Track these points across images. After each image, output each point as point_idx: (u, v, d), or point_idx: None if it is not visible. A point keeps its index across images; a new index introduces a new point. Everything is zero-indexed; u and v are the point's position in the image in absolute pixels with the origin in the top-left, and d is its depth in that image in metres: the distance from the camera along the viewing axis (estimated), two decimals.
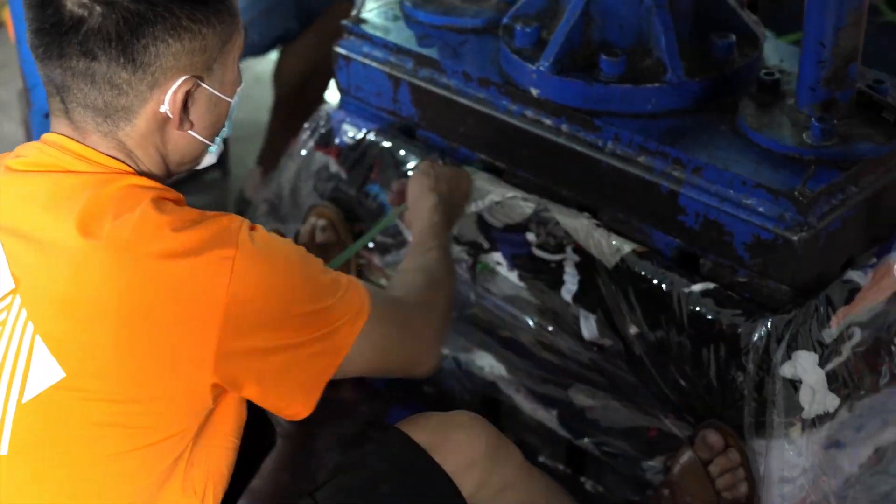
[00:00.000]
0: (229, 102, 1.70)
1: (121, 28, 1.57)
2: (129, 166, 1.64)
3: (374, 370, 1.84)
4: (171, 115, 1.62)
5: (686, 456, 2.02)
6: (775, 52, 2.21)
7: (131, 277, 1.57)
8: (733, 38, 2.11)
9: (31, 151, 1.66)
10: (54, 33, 1.59)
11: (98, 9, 1.56)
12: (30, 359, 1.59)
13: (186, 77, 1.62)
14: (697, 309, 1.96)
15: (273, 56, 3.34)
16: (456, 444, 1.84)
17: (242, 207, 3.31)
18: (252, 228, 1.64)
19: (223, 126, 1.73)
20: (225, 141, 3.65)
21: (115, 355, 1.57)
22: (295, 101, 3.23)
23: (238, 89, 1.73)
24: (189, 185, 3.64)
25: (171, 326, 1.58)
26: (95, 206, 1.59)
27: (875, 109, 1.97)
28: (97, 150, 1.63)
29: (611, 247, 2.06)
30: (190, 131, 1.66)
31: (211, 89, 1.66)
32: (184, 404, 1.63)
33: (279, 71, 3.24)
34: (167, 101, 1.61)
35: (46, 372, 1.58)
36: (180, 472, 1.67)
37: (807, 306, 1.90)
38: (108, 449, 1.60)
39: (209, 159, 1.75)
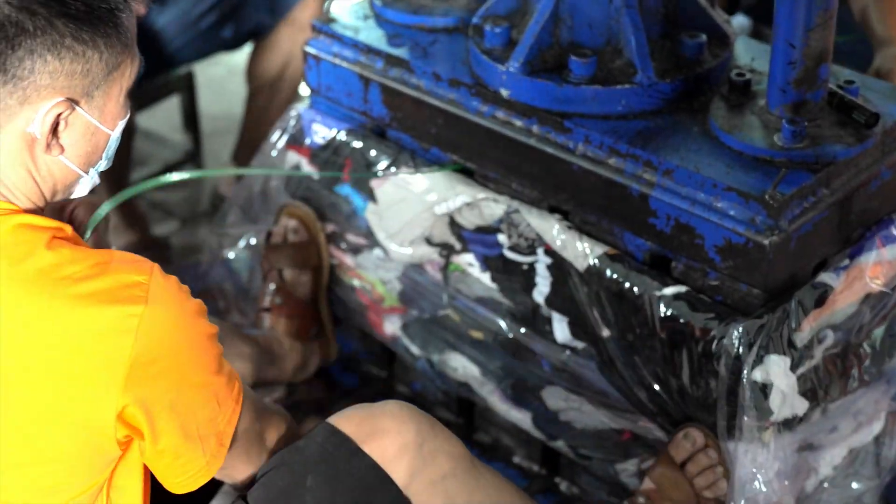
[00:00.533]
0: (109, 134, 1.61)
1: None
2: (7, 199, 1.57)
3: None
4: (39, 137, 1.54)
5: (662, 461, 2.01)
6: (747, 52, 2.19)
7: (30, 327, 1.51)
8: (704, 37, 2.09)
9: None
10: None
11: None
12: None
13: (61, 99, 1.53)
14: (669, 312, 1.95)
15: (247, 49, 3.32)
16: (384, 433, 1.80)
17: (216, 203, 3.29)
18: (152, 273, 1.56)
19: (100, 158, 1.64)
20: (196, 136, 3.65)
21: (16, 408, 1.53)
22: (269, 96, 3.21)
23: (121, 122, 1.63)
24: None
25: (72, 379, 1.53)
26: None
27: (846, 110, 1.95)
28: None
29: (582, 249, 2.05)
30: (61, 157, 1.57)
31: (88, 116, 1.57)
32: (86, 460, 1.59)
33: (252, 65, 3.21)
34: (36, 120, 1.53)
35: None
36: None
37: (778, 310, 1.89)
38: None
39: (80, 190, 1.66)
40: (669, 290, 1.96)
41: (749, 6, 3.19)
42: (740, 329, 1.88)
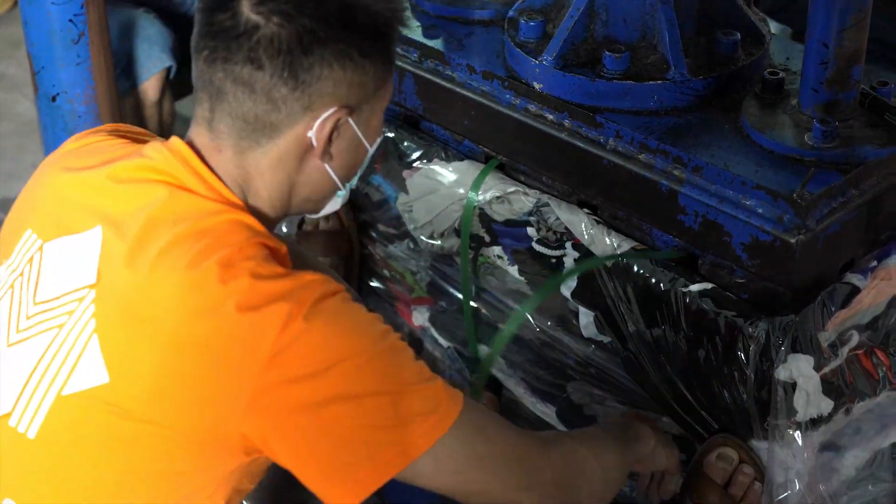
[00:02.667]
0: (368, 149, 1.67)
1: (292, 42, 1.55)
2: (242, 200, 1.61)
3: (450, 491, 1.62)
4: (315, 143, 1.60)
5: (703, 484, 2.00)
6: (782, 51, 2.19)
7: (195, 310, 1.52)
8: (738, 35, 2.09)
9: (156, 155, 1.62)
10: (226, 36, 1.56)
11: (275, 19, 1.54)
12: (81, 355, 1.57)
13: (339, 107, 1.59)
14: (695, 308, 1.95)
15: None
16: None
17: None
18: (334, 294, 1.53)
19: (356, 173, 1.70)
20: None
21: (157, 376, 1.53)
22: None
23: (378, 139, 1.69)
24: None
25: (215, 367, 1.51)
26: (194, 231, 1.56)
27: (878, 111, 1.95)
28: (215, 174, 1.60)
29: (610, 244, 2.05)
30: (327, 165, 1.63)
31: (356, 128, 1.62)
32: (209, 447, 1.55)
33: None
34: (316, 126, 1.59)
35: (92, 372, 1.56)
36: None
37: (804, 309, 1.88)
38: (125, 466, 1.57)
39: (333, 205, 1.71)
40: (696, 287, 1.96)
41: (767, 9, 3.18)
42: (766, 327, 1.87)
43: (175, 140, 1.65)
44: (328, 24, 1.56)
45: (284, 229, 2.58)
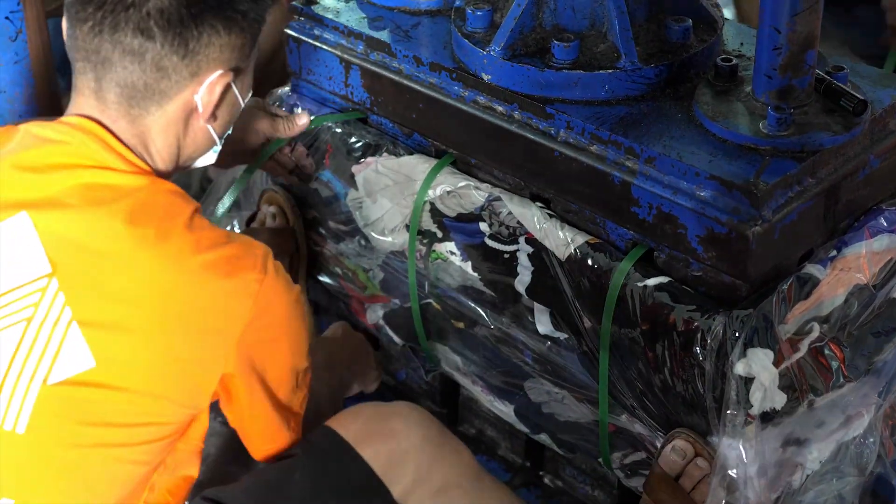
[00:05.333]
0: (241, 106, 1.75)
1: (183, 12, 1.59)
2: (148, 164, 1.68)
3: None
4: (200, 107, 1.66)
5: (656, 477, 1.95)
6: (735, 36, 2.14)
7: (174, 282, 1.64)
8: (689, 21, 2.04)
9: (69, 139, 1.65)
10: (113, 7, 1.59)
11: None
12: (62, 344, 1.60)
13: (224, 71, 1.66)
14: (651, 303, 1.90)
15: None
16: (389, 434, 1.82)
17: (205, 186, 3.24)
18: (266, 253, 1.75)
19: (228, 129, 1.78)
20: None
21: (145, 348, 1.62)
22: (262, 78, 3.15)
23: (248, 97, 1.78)
24: None
25: (198, 333, 1.67)
26: (143, 209, 1.63)
27: (834, 98, 1.90)
28: (127, 146, 1.66)
29: (563, 238, 2.00)
30: (209, 125, 1.69)
31: (235, 89, 1.70)
32: (187, 405, 1.70)
33: None
34: (202, 90, 1.65)
35: (77, 359, 1.60)
36: (159, 474, 1.74)
37: (763, 302, 1.84)
38: (116, 447, 1.65)
39: (208, 158, 1.79)
40: (652, 281, 1.91)
41: None
42: (723, 321, 1.83)
43: (73, 117, 1.67)
44: None
45: (237, 229, 2.52)
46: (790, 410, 1.89)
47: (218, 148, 1.79)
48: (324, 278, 2.44)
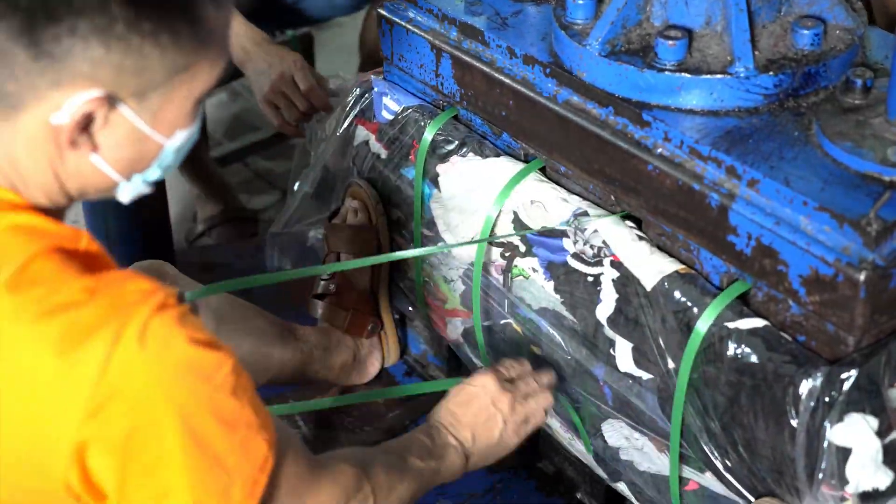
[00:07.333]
0: (161, 144, 1.33)
1: (35, 1, 1.23)
2: (15, 189, 1.32)
3: None
4: (63, 131, 1.28)
5: None
6: (880, 47, 1.85)
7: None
8: (822, 26, 1.75)
9: None
10: None
11: None
12: None
13: (99, 94, 1.26)
14: (741, 350, 1.63)
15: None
16: None
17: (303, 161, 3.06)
18: (162, 308, 1.27)
19: (149, 167, 1.35)
20: None
21: None
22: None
23: (184, 133, 1.35)
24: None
25: (27, 423, 1.27)
26: None
27: None
28: None
29: (651, 264, 1.74)
30: (92, 157, 1.31)
31: (136, 120, 1.29)
32: None
33: (364, 32, 2.98)
34: (63, 110, 1.26)
35: None
36: None
37: (871, 360, 1.55)
38: None
39: (120, 196, 1.38)
40: (744, 324, 1.64)
41: None
42: (822, 377, 1.55)
43: None
44: None
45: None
46: (890, 492, 1.59)
47: (130, 185, 1.36)
48: (406, 286, 2.23)
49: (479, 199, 1.96)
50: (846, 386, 1.53)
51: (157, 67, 1.28)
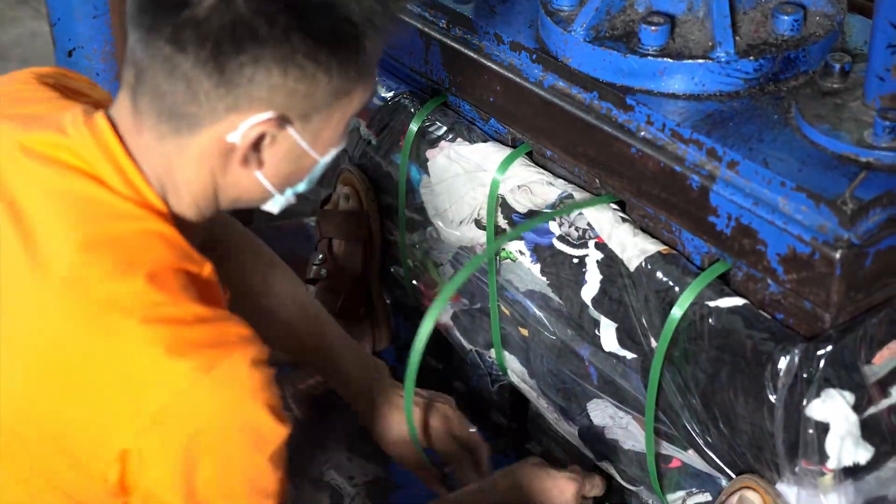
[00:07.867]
0: (316, 160, 1.45)
1: (222, 34, 1.32)
2: (165, 198, 1.42)
3: None
4: (238, 148, 1.39)
5: None
6: (860, 33, 1.88)
7: (80, 341, 1.35)
8: (801, 12, 1.79)
9: (74, 132, 1.41)
10: (156, 5, 1.34)
11: (211, 1, 1.32)
12: None
13: (272, 116, 1.37)
14: (721, 327, 1.66)
15: None
16: None
17: None
18: (255, 363, 1.36)
19: (301, 181, 1.48)
20: None
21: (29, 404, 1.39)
22: None
23: (334, 150, 1.47)
24: None
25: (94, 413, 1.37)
26: (99, 240, 1.37)
27: None
28: (137, 166, 1.40)
29: (634, 245, 1.77)
30: (256, 173, 1.42)
31: (299, 139, 1.41)
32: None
33: None
34: (239, 131, 1.37)
35: None
36: None
37: (848, 336, 1.58)
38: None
39: (269, 208, 1.50)
40: (724, 302, 1.67)
41: None
42: (800, 354, 1.58)
43: (99, 118, 1.43)
44: (272, 22, 1.32)
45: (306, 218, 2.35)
46: (877, 466, 1.63)
47: (283, 198, 1.48)
48: (396, 271, 2.26)
49: (467, 184, 1.99)
50: (822, 362, 1.57)
51: (324, 92, 1.39)
